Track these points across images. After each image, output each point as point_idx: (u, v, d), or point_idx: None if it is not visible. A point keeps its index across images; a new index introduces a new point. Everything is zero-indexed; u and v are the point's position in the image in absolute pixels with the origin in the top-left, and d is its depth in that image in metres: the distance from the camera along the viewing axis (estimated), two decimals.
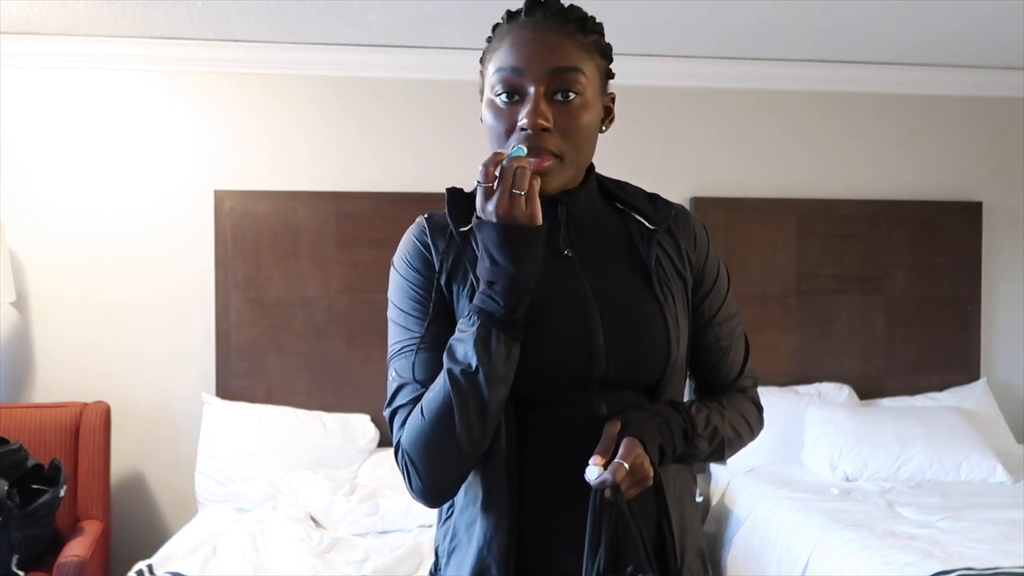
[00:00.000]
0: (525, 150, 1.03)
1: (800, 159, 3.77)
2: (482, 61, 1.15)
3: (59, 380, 3.30)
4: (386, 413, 1.12)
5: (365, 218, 3.41)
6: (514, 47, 1.08)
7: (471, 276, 1.09)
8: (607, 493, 1.01)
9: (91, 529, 2.85)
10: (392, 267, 1.18)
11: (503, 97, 1.08)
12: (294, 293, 3.40)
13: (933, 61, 3.67)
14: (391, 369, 1.13)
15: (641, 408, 1.09)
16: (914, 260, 3.76)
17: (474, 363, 1.01)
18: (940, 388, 3.72)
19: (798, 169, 3.76)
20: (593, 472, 1.01)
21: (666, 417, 1.09)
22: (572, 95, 1.07)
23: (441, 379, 1.04)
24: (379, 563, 2.45)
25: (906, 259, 3.75)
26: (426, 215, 1.18)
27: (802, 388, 3.59)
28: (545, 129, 1.06)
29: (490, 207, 1.01)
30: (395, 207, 3.37)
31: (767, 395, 3.41)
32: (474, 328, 1.02)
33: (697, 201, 3.62)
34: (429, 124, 3.51)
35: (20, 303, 3.29)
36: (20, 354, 3.31)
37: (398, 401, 1.10)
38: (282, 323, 3.38)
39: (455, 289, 1.11)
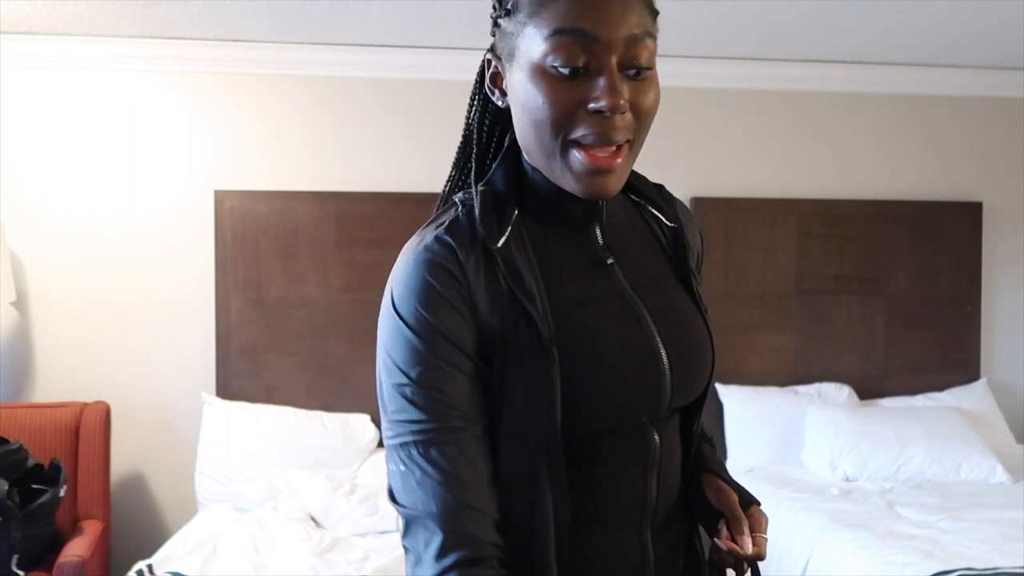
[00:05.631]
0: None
1: (800, 159, 3.76)
2: (509, 12, 0.88)
3: (59, 380, 3.31)
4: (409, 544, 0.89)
5: (366, 218, 3.41)
6: (580, 3, 0.83)
7: (504, 300, 0.87)
8: (746, 568, 0.94)
9: (91, 529, 2.85)
10: (393, 312, 0.88)
11: (563, 69, 0.84)
12: (294, 293, 3.40)
13: (933, 61, 3.66)
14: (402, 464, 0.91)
15: (711, 463, 1.03)
16: (914, 260, 3.76)
17: None
18: (940, 388, 3.72)
19: (798, 169, 3.76)
20: (749, 546, 0.93)
21: (723, 473, 1.03)
22: (646, 68, 0.85)
23: None
24: (379, 563, 2.45)
25: (906, 259, 3.75)
26: (439, 243, 0.88)
27: (802, 388, 3.59)
28: (623, 112, 0.85)
29: None
30: (396, 207, 3.38)
31: (767, 395, 3.49)
32: None
33: (697, 201, 3.62)
34: (429, 124, 3.51)
35: (20, 303, 3.29)
36: (20, 354, 3.31)
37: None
38: (282, 323, 3.38)
39: (498, 321, 0.87)
